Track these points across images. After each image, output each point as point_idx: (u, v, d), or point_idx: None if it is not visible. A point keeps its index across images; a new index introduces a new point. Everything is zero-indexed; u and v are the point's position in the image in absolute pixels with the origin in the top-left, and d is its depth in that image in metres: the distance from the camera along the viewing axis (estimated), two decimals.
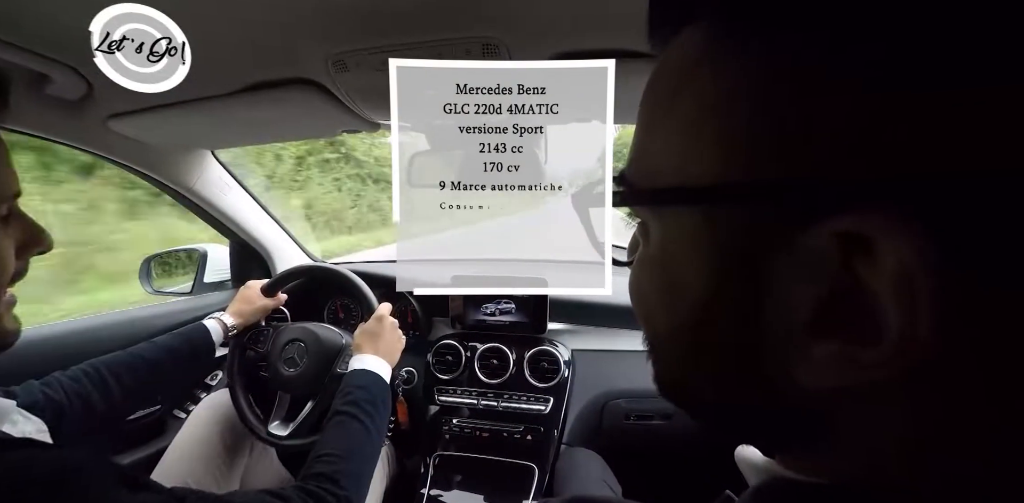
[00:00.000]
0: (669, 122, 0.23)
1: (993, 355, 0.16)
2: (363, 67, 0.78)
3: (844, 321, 0.17)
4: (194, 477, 1.04)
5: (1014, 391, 0.16)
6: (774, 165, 0.18)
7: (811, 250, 0.17)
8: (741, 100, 0.19)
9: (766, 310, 0.20)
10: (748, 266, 0.20)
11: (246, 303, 1.16)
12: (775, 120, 0.18)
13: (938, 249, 0.15)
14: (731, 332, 0.21)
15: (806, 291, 0.18)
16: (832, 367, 0.18)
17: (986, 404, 0.17)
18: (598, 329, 1.30)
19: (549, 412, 1.15)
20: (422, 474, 1.16)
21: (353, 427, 0.81)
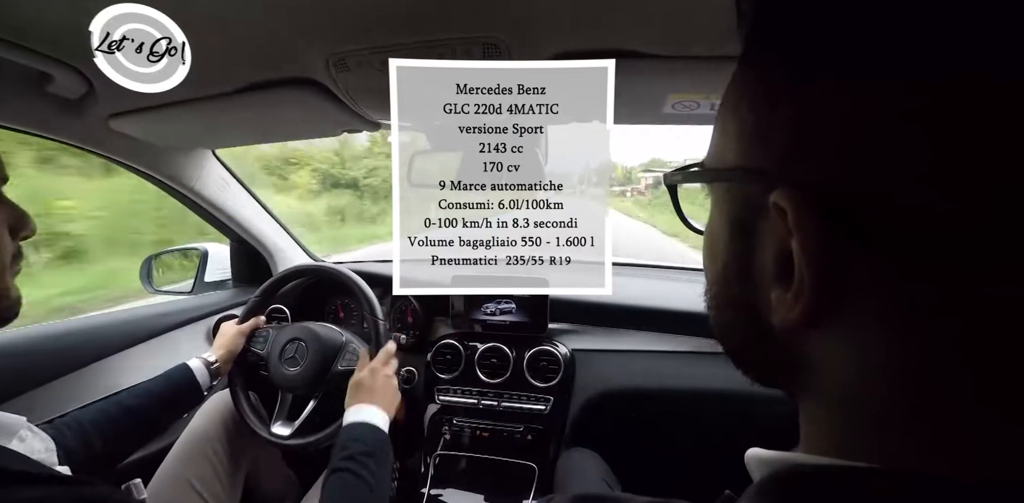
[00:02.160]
0: (718, 119, 0.29)
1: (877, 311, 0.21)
2: (364, 67, 0.78)
3: (787, 272, 0.23)
4: (198, 477, 1.04)
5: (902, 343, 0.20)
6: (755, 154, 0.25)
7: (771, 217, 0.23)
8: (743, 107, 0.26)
9: (756, 265, 0.25)
10: (744, 231, 0.26)
11: (224, 337, 1.15)
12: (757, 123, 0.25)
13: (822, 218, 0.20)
14: (739, 286, 0.27)
15: (771, 249, 0.24)
16: (779, 307, 0.23)
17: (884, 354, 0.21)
18: (598, 329, 1.29)
19: (549, 412, 1.15)
20: (422, 473, 1.16)
21: (353, 483, 0.80)
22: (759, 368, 0.29)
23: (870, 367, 0.21)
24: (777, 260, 0.23)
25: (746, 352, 0.30)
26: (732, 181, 0.27)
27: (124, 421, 0.90)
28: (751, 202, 0.25)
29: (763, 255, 0.25)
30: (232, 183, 1.40)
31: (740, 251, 0.27)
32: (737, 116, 0.26)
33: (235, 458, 1.12)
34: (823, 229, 0.21)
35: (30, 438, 0.67)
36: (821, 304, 0.21)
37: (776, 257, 0.23)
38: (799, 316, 0.22)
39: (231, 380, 1.15)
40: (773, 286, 0.24)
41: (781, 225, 0.22)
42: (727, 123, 0.27)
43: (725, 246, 0.28)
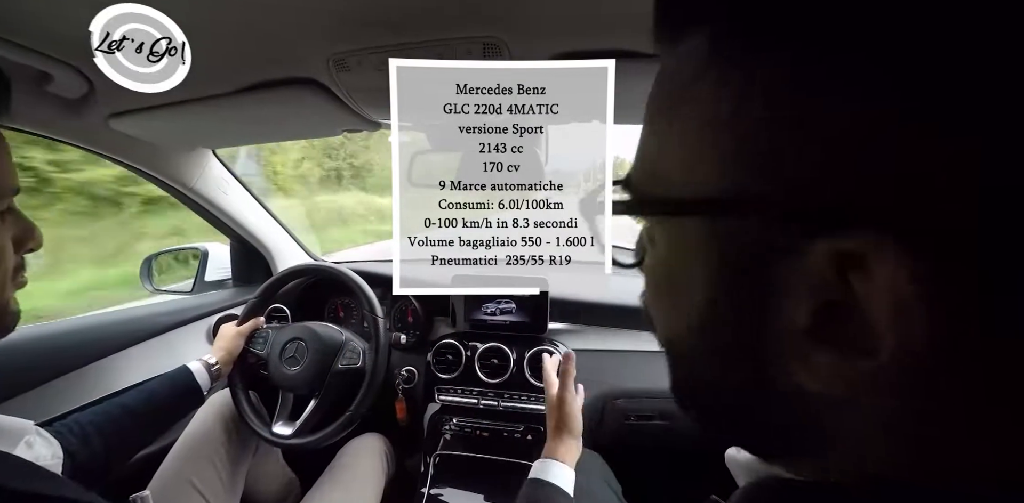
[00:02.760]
0: (674, 129, 0.23)
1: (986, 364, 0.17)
2: (364, 66, 0.78)
3: (841, 331, 0.18)
4: (199, 477, 1.04)
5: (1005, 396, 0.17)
6: (776, 182, 0.19)
7: (809, 264, 0.18)
8: (744, 110, 0.19)
9: (767, 317, 0.20)
10: (749, 275, 0.20)
11: (223, 339, 1.15)
12: (777, 138, 0.18)
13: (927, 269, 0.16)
14: (733, 337, 0.22)
15: (803, 301, 0.19)
16: (832, 373, 0.19)
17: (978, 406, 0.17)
18: (598, 329, 1.29)
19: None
20: (422, 473, 1.16)
21: None
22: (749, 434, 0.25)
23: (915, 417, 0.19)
24: (817, 315, 0.18)
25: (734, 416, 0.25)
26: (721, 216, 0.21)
27: (125, 424, 0.90)
28: (761, 243, 0.19)
29: (783, 306, 0.19)
30: (232, 183, 1.40)
31: (739, 300, 0.21)
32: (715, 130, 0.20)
33: (235, 458, 1.12)
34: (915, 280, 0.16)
35: (38, 444, 0.67)
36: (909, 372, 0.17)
37: (816, 312, 0.18)
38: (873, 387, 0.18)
39: (231, 380, 1.16)
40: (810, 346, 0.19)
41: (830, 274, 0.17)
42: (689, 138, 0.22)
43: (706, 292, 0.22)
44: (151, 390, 0.97)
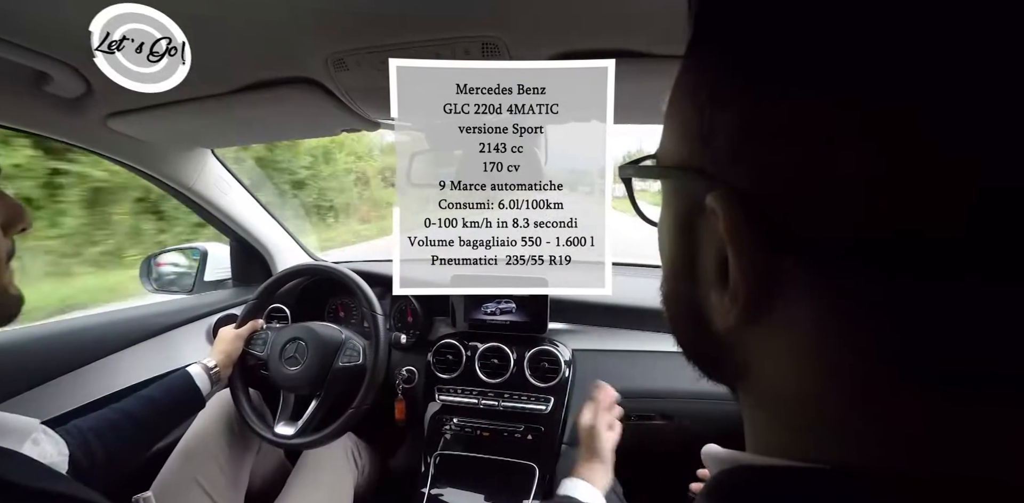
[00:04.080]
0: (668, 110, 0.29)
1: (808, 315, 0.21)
2: (363, 66, 0.78)
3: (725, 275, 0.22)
4: (203, 476, 1.04)
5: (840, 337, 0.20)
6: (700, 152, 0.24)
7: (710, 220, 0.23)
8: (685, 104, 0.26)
9: (700, 265, 0.25)
10: (689, 230, 0.26)
11: (223, 342, 1.14)
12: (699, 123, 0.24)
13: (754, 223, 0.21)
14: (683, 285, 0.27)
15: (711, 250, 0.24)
16: (719, 311, 0.24)
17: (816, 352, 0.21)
18: (599, 329, 1.30)
19: (550, 412, 1.15)
20: (422, 473, 1.16)
21: None
22: (705, 365, 0.30)
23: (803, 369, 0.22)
24: (716, 262, 0.23)
25: (692, 348, 0.30)
26: (675, 179, 0.28)
27: (126, 429, 0.89)
28: (693, 202, 0.25)
29: (704, 256, 0.24)
30: (231, 182, 1.40)
31: (684, 249, 0.26)
32: (682, 114, 0.26)
33: (239, 457, 1.12)
34: (754, 235, 0.21)
35: (44, 441, 0.67)
36: (754, 308, 0.22)
37: (715, 259, 0.23)
38: (735, 318, 0.23)
39: (232, 382, 1.16)
40: (713, 287, 0.24)
41: (718, 227, 0.22)
42: (672, 119, 0.27)
43: (672, 243, 0.28)
44: (151, 396, 0.96)
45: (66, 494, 0.54)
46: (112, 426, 0.87)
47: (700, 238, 0.25)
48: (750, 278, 0.21)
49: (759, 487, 0.23)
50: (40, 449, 0.65)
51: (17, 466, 0.54)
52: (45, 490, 0.52)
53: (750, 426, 0.27)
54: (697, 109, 0.24)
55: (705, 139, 0.23)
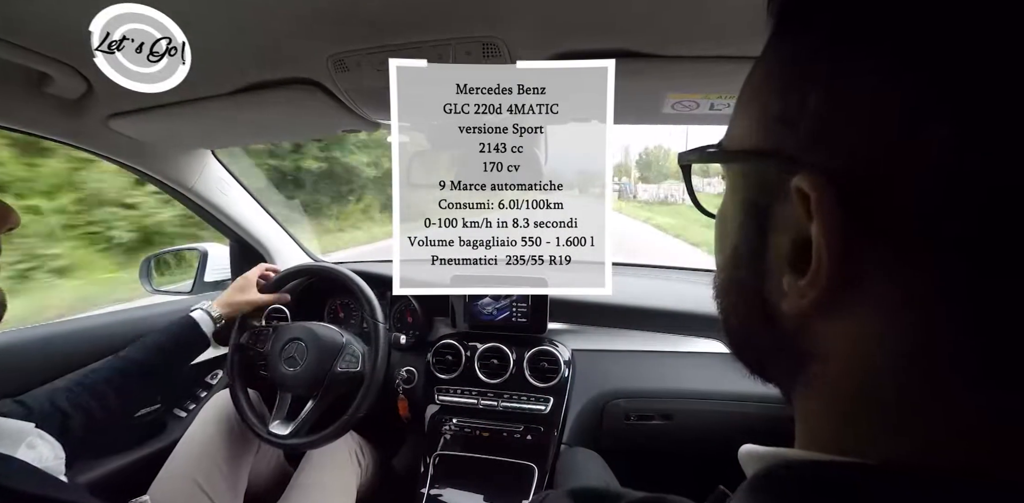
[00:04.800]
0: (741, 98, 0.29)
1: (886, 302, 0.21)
2: (363, 67, 0.78)
3: (803, 259, 0.22)
4: (202, 475, 1.04)
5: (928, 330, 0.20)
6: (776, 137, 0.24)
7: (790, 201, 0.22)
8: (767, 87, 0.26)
9: (770, 250, 0.25)
10: (760, 215, 0.25)
11: (239, 293, 1.15)
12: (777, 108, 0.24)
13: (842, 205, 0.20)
14: (747, 271, 0.27)
15: (788, 235, 0.23)
16: (788, 293, 0.23)
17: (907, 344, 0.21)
18: (598, 329, 1.30)
19: (549, 412, 1.15)
20: (422, 473, 1.16)
21: None
22: (760, 357, 0.29)
23: (874, 359, 0.21)
24: (794, 245, 0.23)
25: (749, 340, 0.29)
26: (750, 163, 0.27)
27: (137, 377, 0.92)
28: (769, 186, 0.25)
29: (778, 240, 0.24)
30: (231, 183, 1.40)
31: (753, 235, 0.26)
32: (759, 99, 0.26)
33: (238, 457, 1.12)
34: (843, 216, 0.20)
35: (40, 445, 0.67)
36: (835, 292, 0.21)
37: (793, 242, 0.23)
38: (810, 304, 0.22)
39: (231, 380, 1.16)
40: (786, 272, 0.23)
41: (801, 210, 0.22)
42: (749, 105, 0.27)
43: (737, 229, 0.28)
44: (156, 342, 0.98)
45: (62, 499, 0.54)
46: (124, 375, 0.90)
47: (775, 222, 0.24)
48: (835, 260, 0.21)
49: (805, 482, 0.23)
50: (36, 453, 0.65)
51: (12, 471, 0.54)
52: (41, 495, 0.52)
53: (802, 421, 0.26)
54: (778, 95, 0.24)
55: (788, 122, 0.23)
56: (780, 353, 0.26)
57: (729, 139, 0.29)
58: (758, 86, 0.27)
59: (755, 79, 0.27)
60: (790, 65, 0.24)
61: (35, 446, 0.66)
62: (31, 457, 0.63)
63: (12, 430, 0.63)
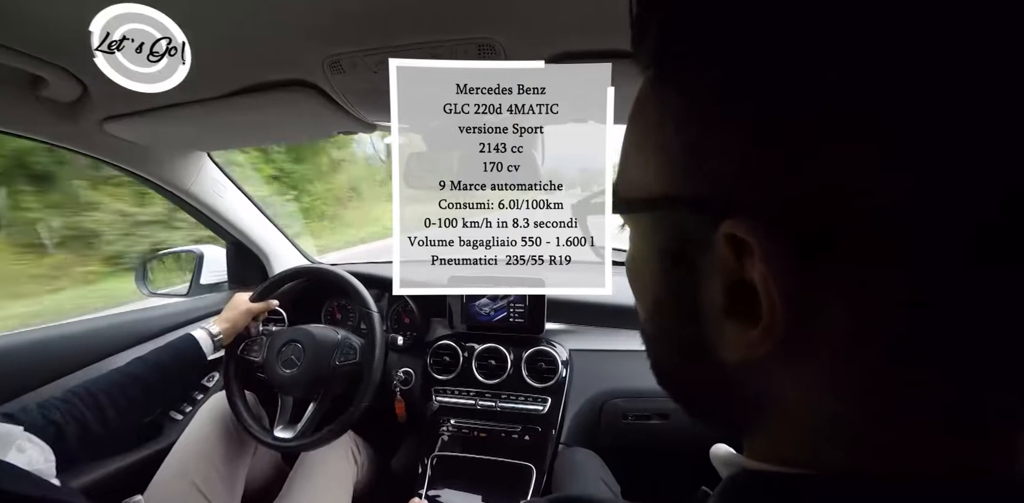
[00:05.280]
0: (630, 139, 0.27)
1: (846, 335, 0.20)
2: (359, 68, 0.78)
3: (743, 306, 0.21)
4: (200, 476, 1.04)
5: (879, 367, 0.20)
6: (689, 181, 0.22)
7: (717, 249, 0.21)
8: (670, 123, 0.23)
9: (697, 300, 0.23)
10: (680, 264, 0.24)
11: (233, 310, 1.16)
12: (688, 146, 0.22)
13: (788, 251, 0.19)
14: (676, 323, 0.26)
15: (718, 282, 0.22)
16: (738, 344, 0.22)
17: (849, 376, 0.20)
18: (596, 329, 1.30)
19: (547, 412, 1.15)
20: (420, 474, 1.16)
21: None
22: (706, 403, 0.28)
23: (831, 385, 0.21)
24: (728, 293, 0.21)
25: (688, 388, 0.28)
26: (660, 211, 0.25)
27: (135, 392, 0.92)
28: (687, 234, 0.23)
29: (706, 288, 0.23)
30: (227, 185, 1.40)
31: (676, 286, 0.25)
32: (658, 137, 0.24)
33: (234, 458, 1.12)
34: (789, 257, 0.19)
35: (29, 449, 0.67)
36: (795, 335, 0.20)
37: (727, 290, 0.21)
38: (769, 351, 0.21)
39: (227, 387, 1.15)
40: (725, 321, 0.22)
41: (731, 257, 0.21)
42: (644, 145, 0.25)
43: (655, 280, 0.26)
44: (157, 360, 0.99)
45: (55, 499, 0.54)
46: (123, 389, 0.90)
47: (699, 271, 0.23)
48: (789, 304, 0.20)
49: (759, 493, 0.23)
50: (26, 456, 0.65)
51: (3, 473, 0.54)
52: (34, 496, 0.52)
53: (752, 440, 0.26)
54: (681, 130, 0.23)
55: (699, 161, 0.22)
56: (730, 397, 0.25)
57: (627, 184, 0.27)
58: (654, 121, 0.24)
59: (643, 121, 0.25)
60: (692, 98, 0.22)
61: (24, 450, 0.66)
62: (21, 460, 0.63)
63: (1, 434, 0.63)
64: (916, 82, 0.17)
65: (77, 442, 0.79)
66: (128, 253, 3.74)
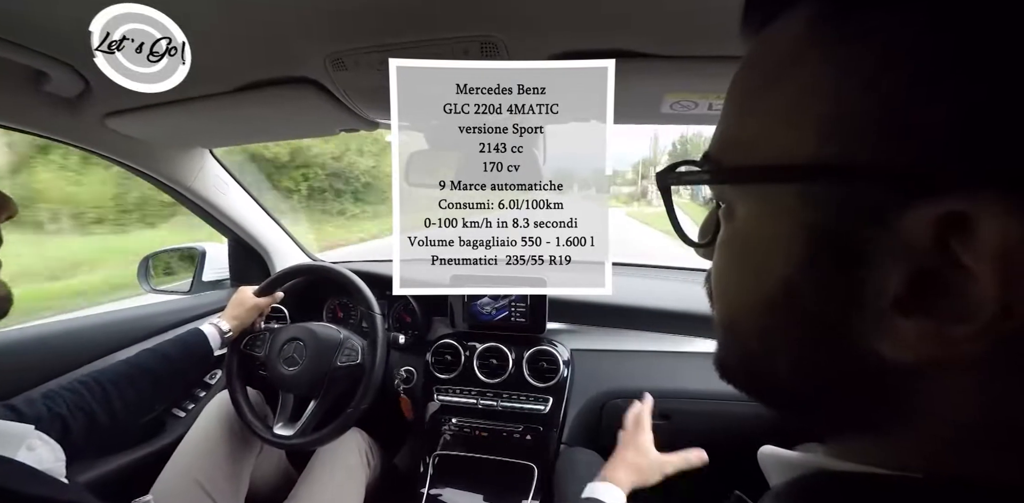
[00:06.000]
0: (770, 102, 0.23)
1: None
2: (361, 66, 0.78)
3: (935, 298, 0.18)
4: (204, 475, 1.04)
5: None
6: (879, 146, 0.19)
7: (906, 230, 0.18)
8: (849, 83, 0.20)
9: (854, 289, 0.20)
10: (838, 244, 0.20)
11: (239, 306, 1.16)
12: (884, 105, 0.19)
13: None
14: (816, 310, 0.22)
15: (897, 269, 0.19)
16: (923, 342, 0.18)
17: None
18: (597, 329, 1.30)
19: (548, 412, 1.15)
20: (422, 473, 1.16)
21: None
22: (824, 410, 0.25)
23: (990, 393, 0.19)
24: (907, 283, 0.18)
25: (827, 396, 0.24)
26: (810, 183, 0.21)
27: (144, 385, 0.92)
28: (852, 210, 0.20)
29: (872, 275, 0.19)
30: (229, 182, 1.40)
31: (825, 268, 0.21)
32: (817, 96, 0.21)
33: (239, 457, 1.12)
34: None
35: (39, 447, 0.67)
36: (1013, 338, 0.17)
37: (905, 280, 0.18)
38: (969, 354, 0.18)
39: (229, 384, 1.16)
40: (897, 315, 0.19)
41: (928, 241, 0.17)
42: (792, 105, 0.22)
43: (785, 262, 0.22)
44: (166, 353, 0.99)
45: (64, 499, 0.54)
46: (131, 381, 0.90)
47: (867, 253, 0.19)
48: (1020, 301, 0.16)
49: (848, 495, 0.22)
50: (36, 455, 0.65)
51: (13, 473, 0.54)
52: (43, 496, 0.52)
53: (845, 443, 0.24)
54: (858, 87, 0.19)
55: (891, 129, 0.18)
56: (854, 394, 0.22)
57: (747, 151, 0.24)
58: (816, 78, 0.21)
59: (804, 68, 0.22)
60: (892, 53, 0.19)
61: (35, 448, 0.66)
62: (31, 459, 0.62)
63: (12, 432, 0.63)
64: None
65: (83, 435, 0.79)
66: None
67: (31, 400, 0.78)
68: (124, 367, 0.92)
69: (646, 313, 1.24)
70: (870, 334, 0.20)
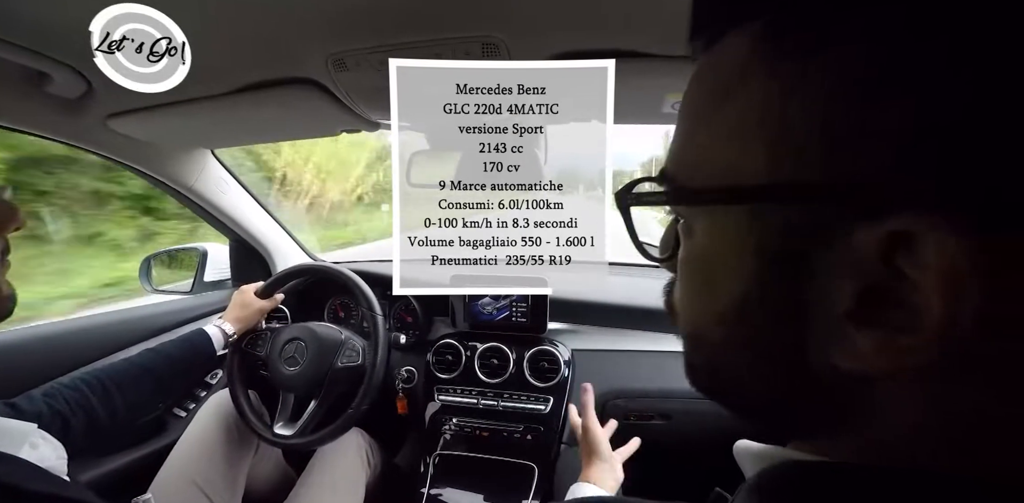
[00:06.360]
0: (718, 121, 0.23)
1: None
2: (363, 66, 0.78)
3: (884, 311, 0.18)
4: (201, 476, 1.04)
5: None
6: (826, 167, 0.19)
7: (854, 248, 0.18)
8: (794, 103, 0.20)
9: (805, 304, 0.21)
10: (788, 262, 0.21)
11: (242, 308, 1.16)
12: (827, 126, 0.19)
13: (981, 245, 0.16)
14: (769, 325, 0.23)
15: (846, 284, 0.19)
16: (874, 353, 0.19)
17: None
18: (598, 329, 1.30)
19: (549, 412, 1.15)
20: (422, 473, 1.16)
21: None
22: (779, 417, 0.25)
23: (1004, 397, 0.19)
24: (860, 296, 0.19)
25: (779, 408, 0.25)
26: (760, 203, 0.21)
27: (145, 384, 0.92)
28: (801, 229, 0.20)
29: (824, 288, 0.20)
30: (231, 183, 1.40)
31: (773, 287, 0.22)
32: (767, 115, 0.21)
33: (237, 457, 1.12)
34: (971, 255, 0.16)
35: (42, 445, 0.67)
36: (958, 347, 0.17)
37: (859, 293, 0.19)
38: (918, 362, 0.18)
39: (231, 383, 1.16)
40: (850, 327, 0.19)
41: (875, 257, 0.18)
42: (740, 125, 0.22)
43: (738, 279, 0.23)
44: (169, 353, 0.99)
45: (67, 497, 0.54)
46: (132, 380, 0.90)
47: (816, 269, 0.20)
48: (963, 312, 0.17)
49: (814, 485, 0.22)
50: (38, 453, 0.65)
51: (16, 470, 0.54)
52: (46, 493, 0.52)
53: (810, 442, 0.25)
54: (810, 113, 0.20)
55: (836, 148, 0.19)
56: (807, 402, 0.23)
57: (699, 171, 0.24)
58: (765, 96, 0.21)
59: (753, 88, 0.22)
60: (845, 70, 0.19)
61: (37, 446, 0.66)
62: (33, 457, 0.63)
63: (15, 430, 0.63)
64: None
65: (83, 434, 0.79)
66: None
67: (31, 398, 0.78)
68: (126, 366, 0.92)
69: (646, 313, 1.24)
70: (824, 346, 0.21)
